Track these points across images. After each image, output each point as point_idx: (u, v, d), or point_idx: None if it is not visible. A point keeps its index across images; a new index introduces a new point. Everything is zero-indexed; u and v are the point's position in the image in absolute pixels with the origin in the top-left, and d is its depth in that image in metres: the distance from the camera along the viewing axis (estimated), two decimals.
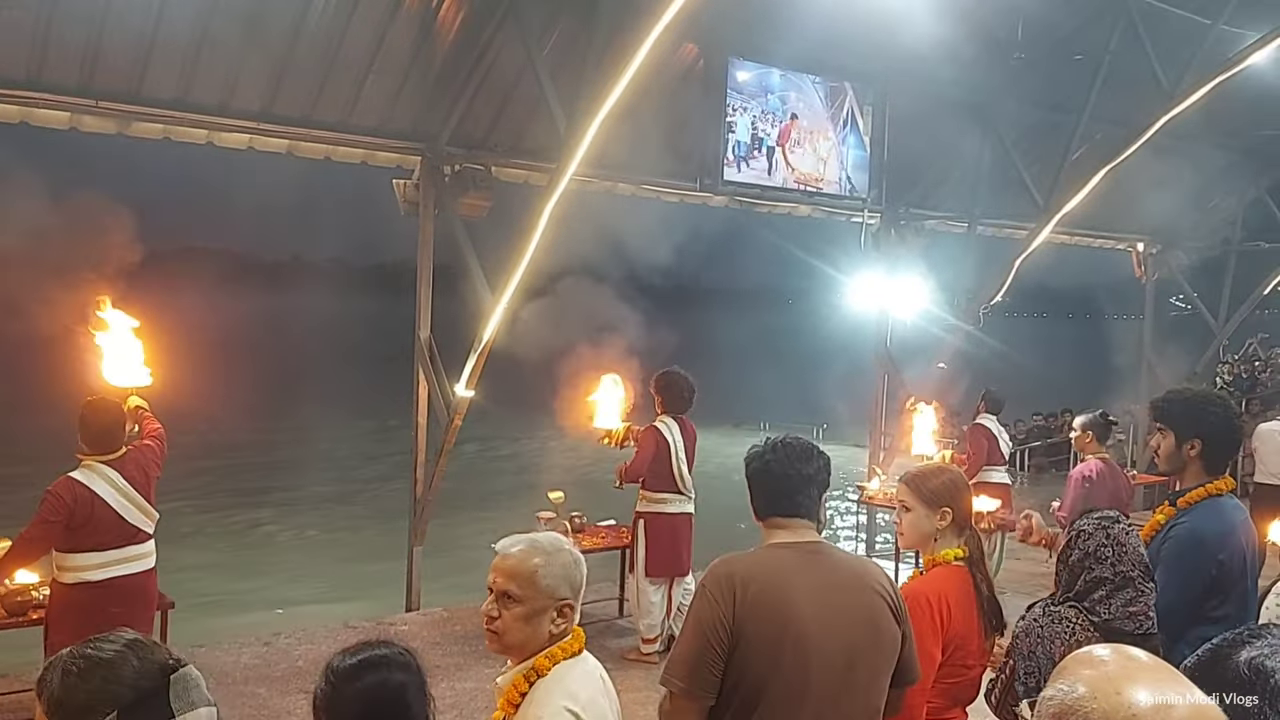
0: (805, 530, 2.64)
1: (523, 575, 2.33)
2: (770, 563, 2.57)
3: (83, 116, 6.67)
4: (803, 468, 2.64)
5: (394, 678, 2.13)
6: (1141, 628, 2.71)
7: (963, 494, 3.08)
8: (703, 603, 2.50)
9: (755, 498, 2.69)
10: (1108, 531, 2.83)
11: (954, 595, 2.95)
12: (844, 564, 2.65)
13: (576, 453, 21.70)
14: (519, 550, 2.37)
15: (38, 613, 5.20)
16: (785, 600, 2.48)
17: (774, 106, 9.03)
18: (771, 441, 2.70)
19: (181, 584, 6.24)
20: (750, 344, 49.64)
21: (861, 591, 2.59)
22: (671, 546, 7.00)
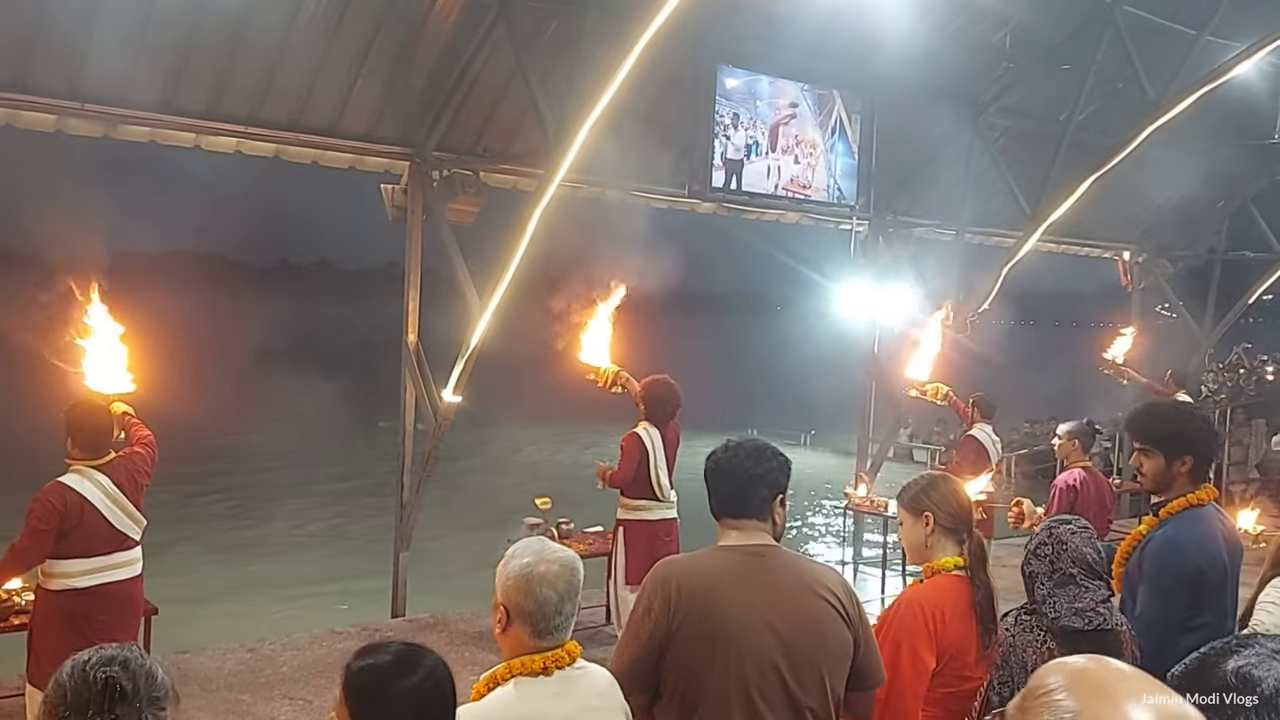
0: (755, 532, 2.65)
1: (496, 572, 2.41)
2: (710, 565, 2.60)
3: (69, 119, 6.64)
4: (752, 467, 2.64)
5: (441, 665, 2.06)
6: (1091, 624, 2.72)
7: (942, 494, 3.06)
8: (641, 602, 2.57)
9: (710, 497, 2.72)
10: (1051, 530, 2.86)
11: (950, 604, 2.93)
12: (788, 568, 2.64)
13: (564, 459, 21.71)
14: (512, 548, 2.42)
15: (20, 618, 5.15)
16: (719, 603, 2.51)
17: (762, 113, 9.05)
18: (726, 442, 2.73)
19: (164, 590, 6.19)
20: (737, 350, 49.68)
21: (804, 595, 2.59)
22: (650, 553, 6.97)
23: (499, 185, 8.49)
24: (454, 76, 7.55)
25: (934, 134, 10.17)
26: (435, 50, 7.44)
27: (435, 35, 7.35)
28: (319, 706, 6.19)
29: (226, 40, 6.69)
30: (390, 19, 7.11)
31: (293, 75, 7.09)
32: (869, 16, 7.78)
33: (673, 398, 7.01)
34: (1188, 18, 9.23)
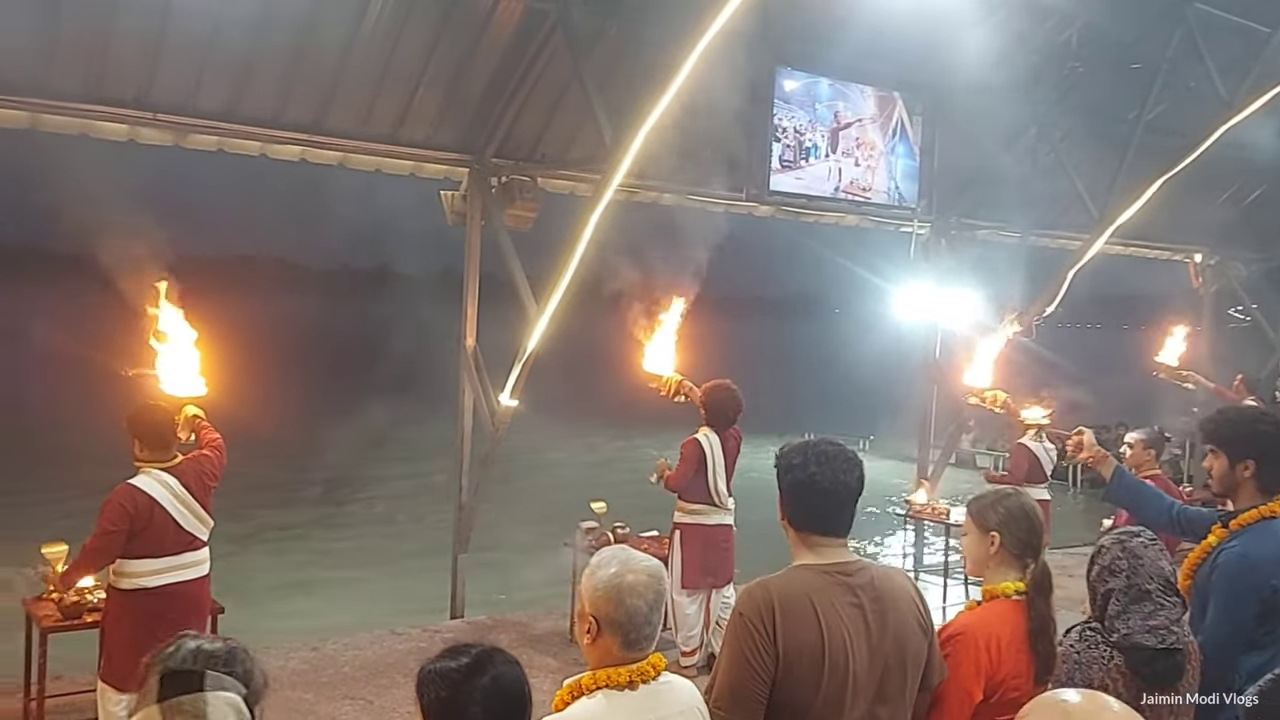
0: (840, 548, 2.60)
1: (582, 580, 2.39)
2: (806, 585, 2.52)
3: (140, 129, 6.82)
4: (847, 479, 2.56)
5: (515, 670, 2.08)
6: (1164, 642, 2.63)
7: (1013, 515, 2.95)
8: (741, 630, 2.46)
9: (792, 509, 2.61)
10: (1124, 545, 2.75)
11: (1008, 633, 2.83)
12: (876, 581, 2.59)
13: (621, 463, 21.74)
14: (597, 555, 2.41)
15: (93, 616, 5.29)
16: (823, 624, 2.45)
17: (822, 116, 8.98)
18: (812, 449, 2.59)
19: (230, 589, 6.31)
20: (795, 353, 49.38)
21: (893, 613, 2.56)
22: (706, 558, 6.98)
23: (556, 191, 8.55)
24: (512, 83, 7.61)
25: (998, 135, 10.00)
26: (494, 58, 7.50)
27: (494, 43, 7.41)
28: (379, 706, 6.26)
29: (291, 51, 6.81)
30: (450, 28, 7.18)
31: (355, 84, 7.20)
32: (930, 17, 7.69)
33: (733, 403, 6.99)
34: (1261, 15, 8.96)
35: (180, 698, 1.69)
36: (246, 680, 1.80)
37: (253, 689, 1.80)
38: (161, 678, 1.73)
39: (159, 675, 1.73)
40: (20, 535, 8.80)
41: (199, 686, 1.72)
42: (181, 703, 1.69)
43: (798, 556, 2.61)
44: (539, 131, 8.15)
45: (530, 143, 8.16)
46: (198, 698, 1.70)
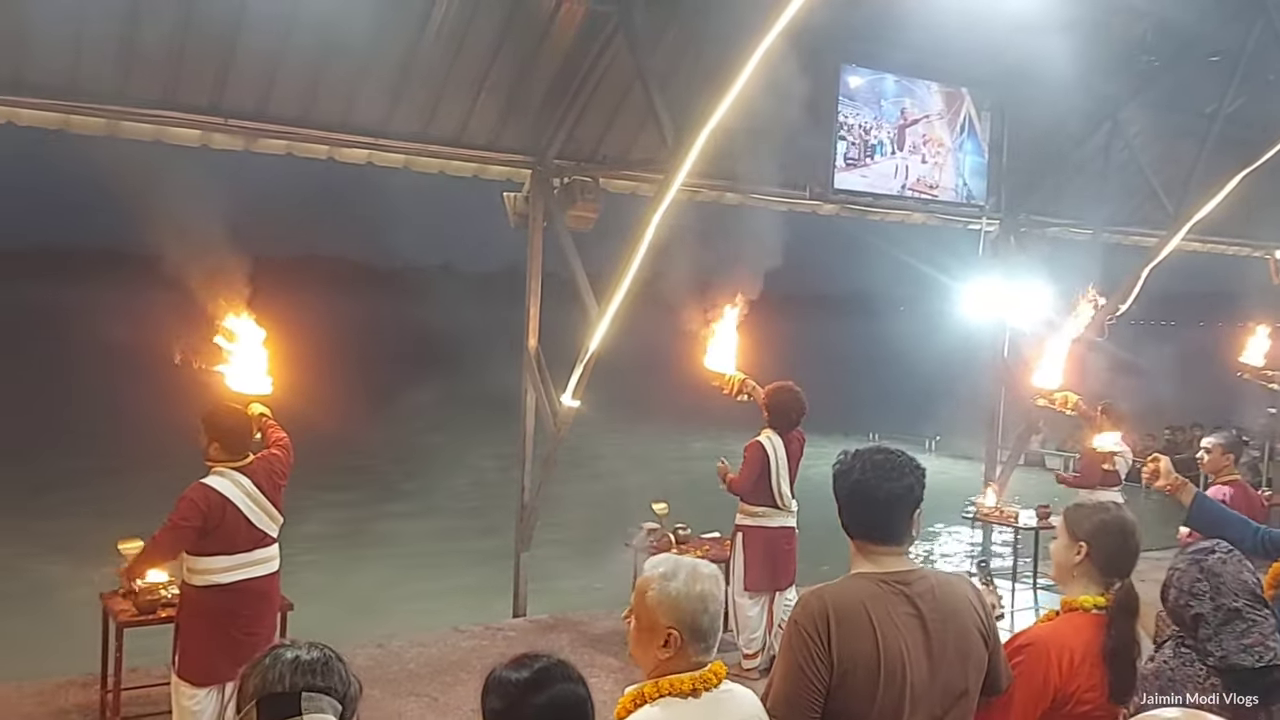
0: (898, 557, 2.54)
1: (640, 590, 2.36)
2: (862, 594, 2.47)
3: (213, 134, 6.97)
4: (893, 486, 2.50)
5: (575, 689, 2.07)
6: (1262, 659, 2.51)
7: (1108, 532, 2.84)
8: (797, 638, 2.42)
9: (846, 517, 2.57)
10: (1201, 565, 2.62)
11: (1081, 648, 2.74)
12: (935, 590, 2.53)
13: (683, 464, 21.71)
14: (652, 565, 2.40)
15: (167, 611, 5.41)
16: (879, 634, 2.41)
17: (887, 113, 8.86)
18: (861, 457, 2.55)
19: (298, 585, 6.42)
20: (858, 352, 48.89)
21: (952, 622, 2.51)
22: (769, 560, 6.94)
23: (618, 191, 8.57)
24: (574, 85, 7.63)
25: (1069, 131, 9.79)
26: (556, 60, 7.53)
27: (556, 45, 7.44)
28: (444, 704, 6.33)
29: (358, 57, 6.91)
30: (513, 30, 7.23)
31: (420, 88, 7.29)
32: (999, 11, 7.53)
33: (797, 406, 6.93)
34: None
35: None
36: (342, 690, 1.80)
37: (348, 698, 1.80)
38: (258, 704, 1.74)
39: (256, 701, 1.74)
40: (93, 528, 9.10)
41: (297, 711, 1.72)
42: None
43: (855, 565, 2.57)
44: (601, 132, 8.17)
45: (592, 144, 8.18)
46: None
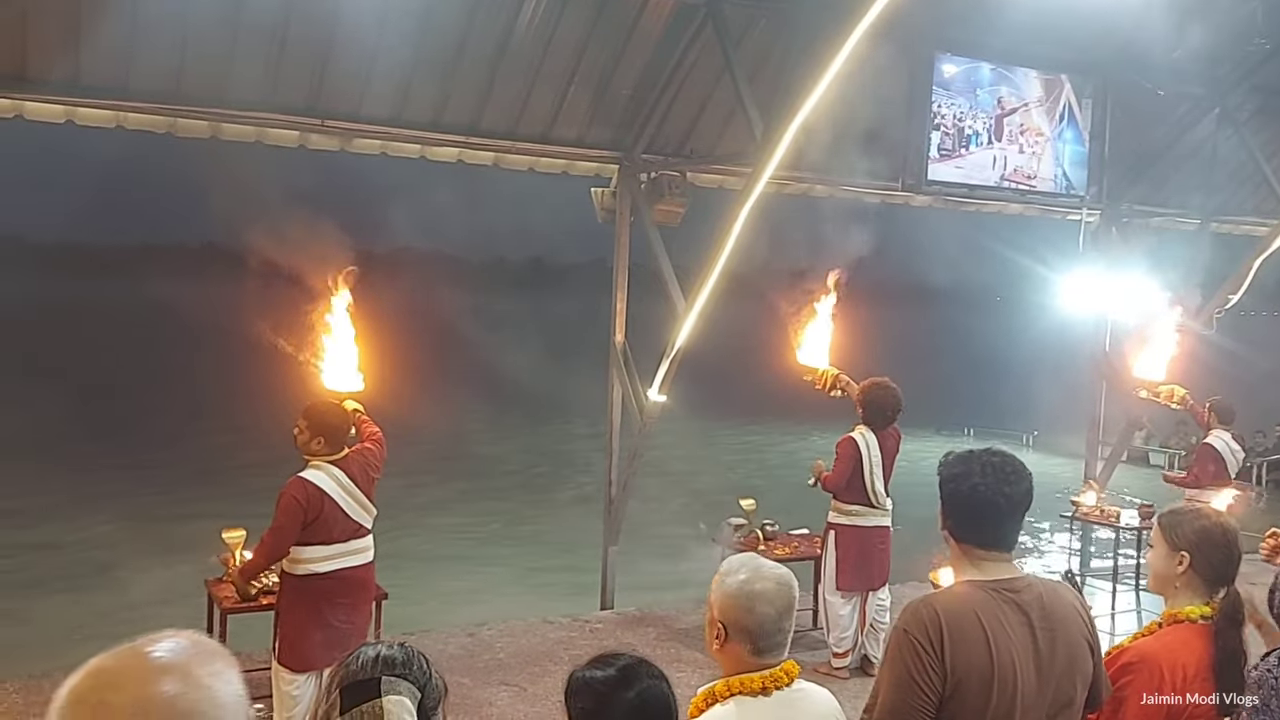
0: (1005, 564, 2.47)
1: (711, 587, 2.40)
2: (973, 602, 2.40)
3: (310, 135, 7.16)
4: (1012, 492, 2.43)
5: (660, 686, 2.10)
6: None
7: (1210, 540, 2.72)
8: (908, 649, 2.35)
9: (954, 520, 2.49)
10: None
11: (1192, 663, 2.63)
12: (1044, 598, 2.46)
13: (773, 459, 21.57)
14: (727, 563, 2.42)
15: (268, 599, 5.59)
16: (992, 643, 2.34)
17: (983, 102, 8.63)
18: (977, 460, 2.47)
19: (392, 574, 6.56)
20: (953, 344, 47.88)
21: (1062, 627, 2.43)
22: (862, 559, 6.84)
23: (705, 185, 8.53)
24: (662, 80, 7.62)
25: (1175, 117, 9.40)
26: (644, 55, 7.52)
27: (644, 40, 7.43)
28: (532, 694, 6.41)
29: (449, 57, 7.01)
30: (601, 26, 7.24)
31: (509, 87, 7.36)
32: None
33: (893, 402, 6.82)
34: None
35: (360, 706, 1.78)
36: (423, 683, 1.84)
37: (430, 691, 1.84)
38: (342, 691, 1.81)
39: (340, 689, 1.82)
40: (199, 516, 9.50)
41: (376, 693, 1.79)
42: (362, 711, 1.77)
43: (960, 571, 2.50)
44: (688, 127, 8.14)
45: (679, 138, 8.17)
46: (375, 703, 1.78)
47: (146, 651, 1.19)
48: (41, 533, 13.26)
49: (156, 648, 1.20)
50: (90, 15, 6.07)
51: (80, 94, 6.42)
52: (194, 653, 1.21)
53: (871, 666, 6.90)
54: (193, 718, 1.15)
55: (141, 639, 1.21)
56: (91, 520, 13.81)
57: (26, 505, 14.41)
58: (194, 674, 1.18)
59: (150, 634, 1.23)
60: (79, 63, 6.26)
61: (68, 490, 15.30)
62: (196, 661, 1.20)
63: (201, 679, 1.18)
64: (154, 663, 1.17)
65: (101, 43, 6.20)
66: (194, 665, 1.19)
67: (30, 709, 5.87)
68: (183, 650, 1.20)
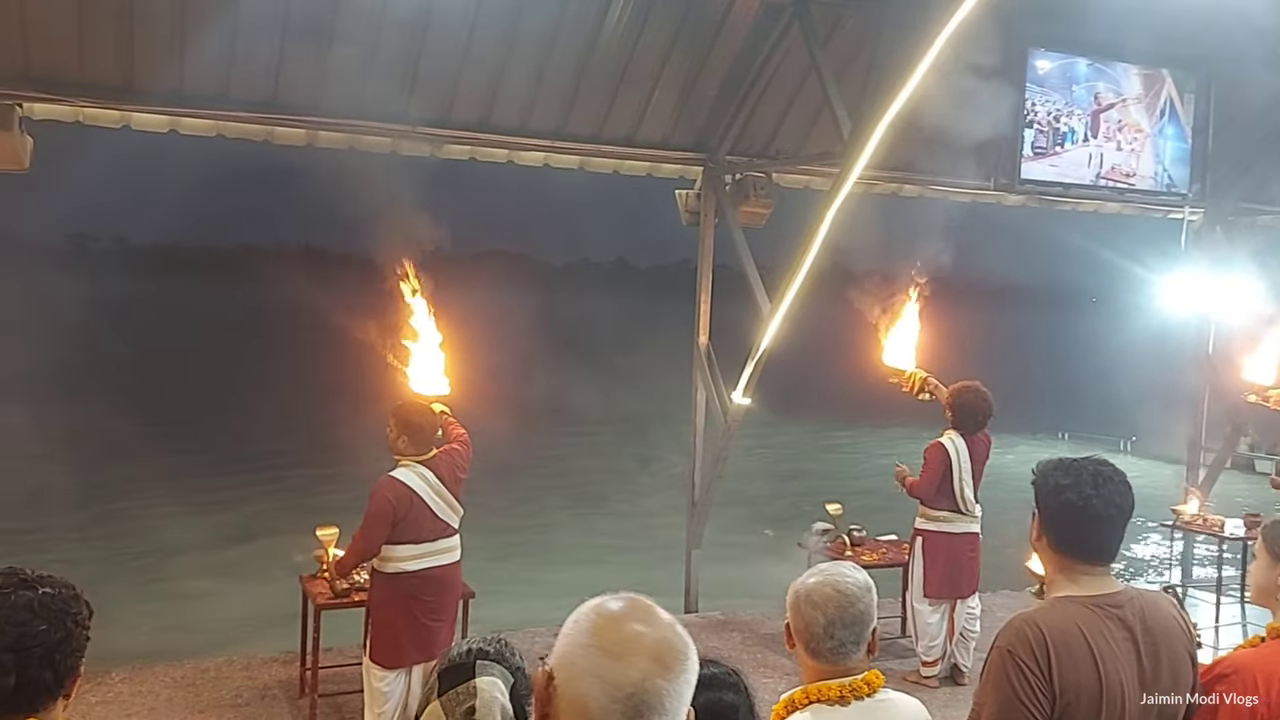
0: (1106, 578, 2.38)
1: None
2: (1077, 619, 2.31)
3: (402, 141, 7.30)
4: (1124, 504, 2.34)
5: (725, 697, 2.09)
6: None
7: None
8: (1013, 670, 2.26)
9: (1057, 532, 2.39)
10: None
11: None
12: (1146, 612, 2.36)
13: (859, 463, 21.31)
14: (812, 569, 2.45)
15: (360, 595, 5.72)
16: (1100, 661, 2.26)
17: (1079, 98, 8.37)
18: (1085, 469, 2.37)
19: (482, 574, 6.65)
20: (1046, 345, 46.67)
21: (1165, 641, 2.34)
22: (950, 567, 6.71)
23: (791, 186, 8.47)
24: (747, 81, 7.58)
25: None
26: (729, 56, 7.49)
27: (729, 41, 7.40)
28: None
29: (535, 62, 7.08)
30: (687, 28, 7.24)
31: (595, 90, 7.40)
32: None
33: (983, 407, 6.68)
34: None
35: (456, 687, 1.87)
36: (516, 673, 1.92)
37: (522, 680, 1.91)
38: (440, 675, 1.91)
39: (438, 674, 1.92)
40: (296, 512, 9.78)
41: (471, 674, 1.88)
42: (458, 692, 1.86)
43: (1057, 586, 2.40)
44: (774, 127, 8.08)
45: (765, 139, 8.11)
46: (469, 684, 1.87)
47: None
48: (142, 529, 13.77)
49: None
50: (192, 28, 6.29)
51: (183, 104, 6.66)
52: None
53: (962, 675, 6.78)
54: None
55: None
56: (190, 517, 14.30)
57: (130, 503, 15.00)
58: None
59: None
60: (182, 74, 6.49)
61: (167, 486, 15.86)
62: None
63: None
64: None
65: (203, 54, 6.43)
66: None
67: (135, 697, 6.10)
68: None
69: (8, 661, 1.87)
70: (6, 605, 1.91)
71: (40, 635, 1.91)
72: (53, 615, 1.94)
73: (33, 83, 6.22)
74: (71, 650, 1.96)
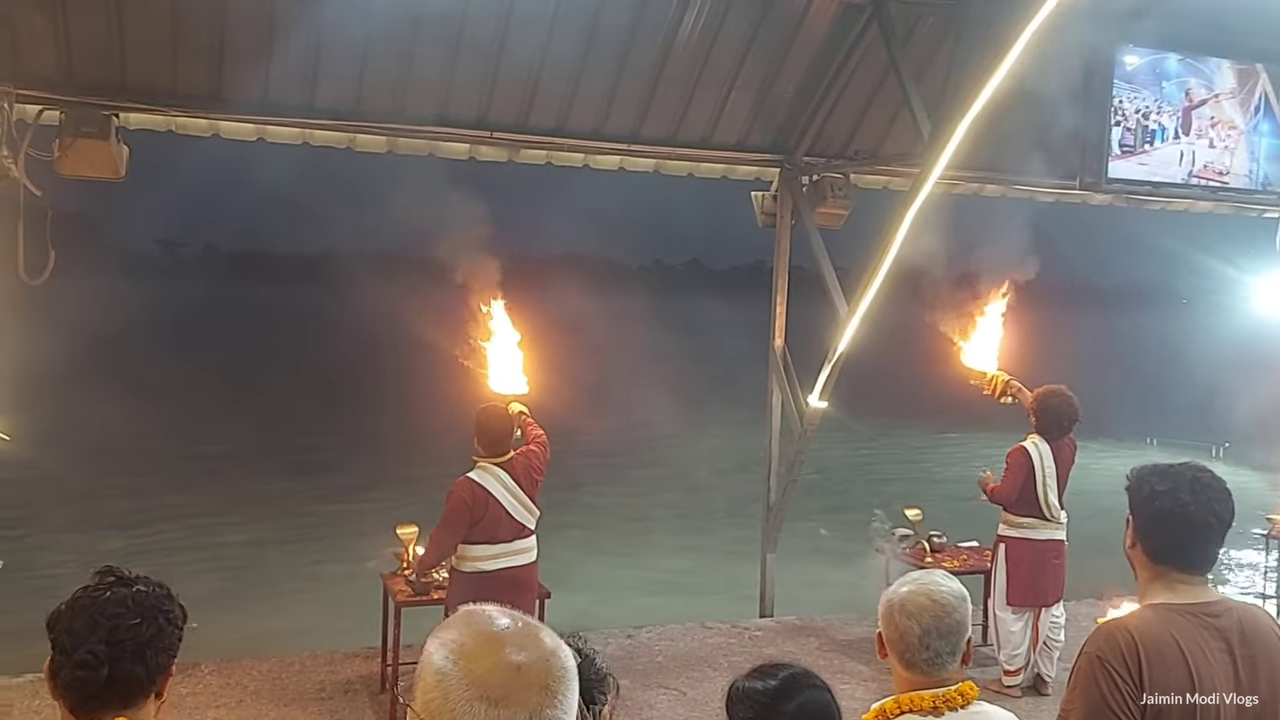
0: (1202, 586, 2.33)
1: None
2: (1171, 627, 2.26)
3: (480, 147, 7.40)
4: (1223, 511, 2.30)
5: (822, 695, 2.12)
6: None
7: None
8: (1103, 677, 2.22)
9: (1154, 540, 2.35)
10: None
11: None
12: (1243, 623, 2.30)
13: (939, 468, 20.96)
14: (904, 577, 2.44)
15: (438, 593, 5.83)
16: (1194, 671, 2.21)
17: (1170, 95, 8.12)
18: (1184, 476, 2.33)
19: (557, 574, 6.71)
20: (1133, 348, 45.38)
21: (1263, 654, 2.28)
22: (1034, 575, 6.57)
23: (869, 187, 8.38)
24: (825, 81, 7.51)
25: None
26: (807, 57, 7.44)
27: (807, 42, 7.35)
28: (691, 699, 6.42)
29: (612, 67, 7.11)
30: (764, 31, 7.20)
31: (671, 93, 7.40)
32: None
33: (1069, 411, 6.54)
34: None
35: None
36: (589, 668, 1.92)
37: (588, 674, 1.91)
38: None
39: None
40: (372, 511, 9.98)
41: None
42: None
43: (1150, 593, 2.36)
44: (852, 128, 8.00)
45: (843, 139, 8.03)
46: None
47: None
48: (236, 527, 14.16)
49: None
50: (279, 38, 6.46)
51: (270, 112, 6.84)
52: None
53: (1045, 686, 6.64)
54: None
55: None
56: (278, 516, 14.68)
57: (226, 505, 15.44)
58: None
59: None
60: (268, 83, 6.67)
61: (257, 488, 16.29)
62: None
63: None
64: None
65: (289, 64, 6.60)
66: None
67: (224, 690, 6.29)
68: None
69: (101, 653, 1.93)
70: (101, 600, 1.98)
71: (133, 629, 1.96)
72: (145, 611, 1.99)
73: (128, 93, 6.45)
74: (163, 647, 2.02)
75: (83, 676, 1.94)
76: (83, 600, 1.99)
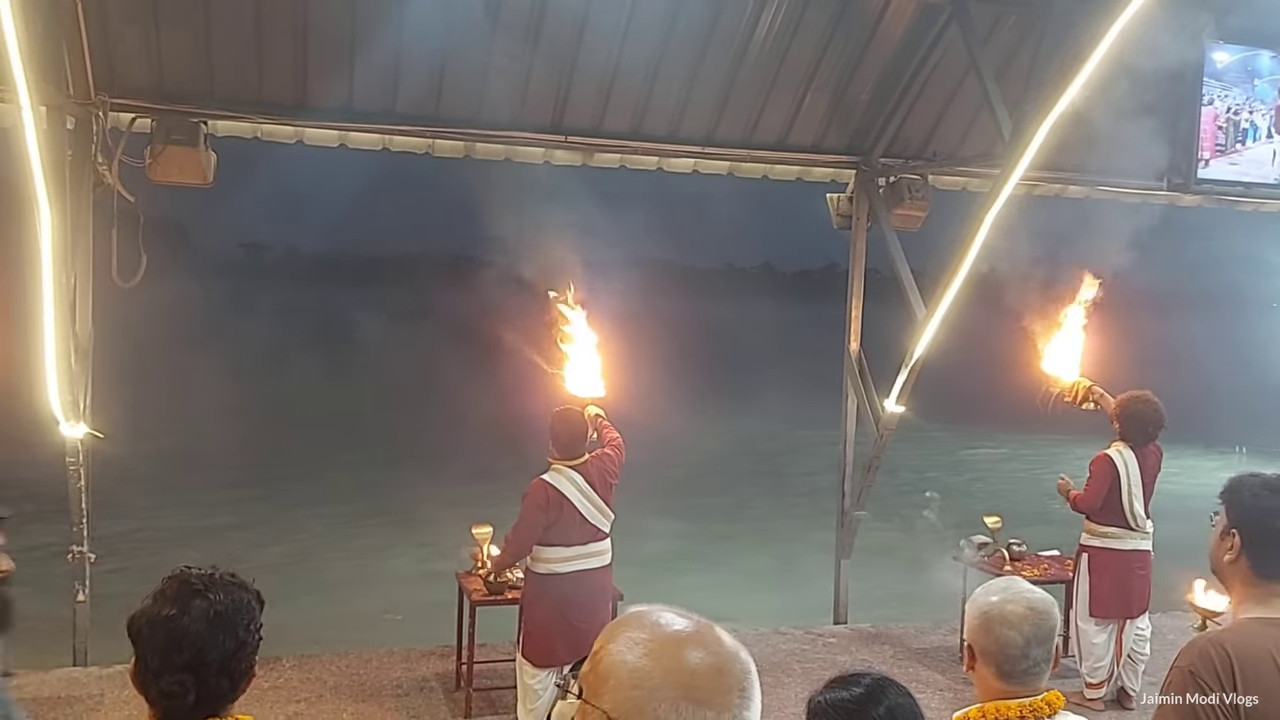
0: None
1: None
2: (1267, 642, 2.18)
3: (554, 151, 7.46)
4: None
5: (909, 703, 2.12)
6: None
7: None
8: (1195, 692, 2.16)
9: (1260, 554, 2.27)
10: None
11: None
12: None
13: (1019, 475, 20.52)
14: (987, 583, 2.41)
15: (514, 593, 5.88)
16: None
17: (1263, 93, 7.86)
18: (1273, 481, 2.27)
19: (632, 578, 6.72)
20: (1222, 352, 43.89)
21: None
22: (1119, 585, 6.40)
23: (947, 188, 8.24)
24: (903, 81, 7.42)
25: None
26: (884, 57, 7.36)
27: (885, 42, 7.27)
28: (766, 705, 6.26)
29: (687, 70, 7.11)
30: (840, 31, 7.14)
31: (746, 96, 7.38)
32: None
33: (1155, 418, 6.36)
34: None
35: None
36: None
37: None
38: (574, 674, 1.91)
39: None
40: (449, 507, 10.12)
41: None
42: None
43: (1244, 607, 2.29)
44: (930, 129, 7.89)
45: (920, 140, 7.92)
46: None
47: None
48: (309, 524, 14.48)
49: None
50: (361, 46, 6.61)
51: (352, 119, 6.99)
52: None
53: (1129, 699, 6.47)
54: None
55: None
56: (356, 516, 14.96)
57: (300, 496, 15.82)
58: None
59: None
60: (351, 90, 6.82)
61: (337, 490, 16.63)
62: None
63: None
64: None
65: (370, 71, 6.74)
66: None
67: (303, 684, 6.43)
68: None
69: (187, 682, 1.95)
70: (184, 621, 1.97)
71: (216, 647, 1.97)
72: (225, 624, 1.99)
73: (216, 101, 6.65)
74: (246, 655, 2.03)
75: (169, 705, 1.98)
76: (162, 623, 1.98)
